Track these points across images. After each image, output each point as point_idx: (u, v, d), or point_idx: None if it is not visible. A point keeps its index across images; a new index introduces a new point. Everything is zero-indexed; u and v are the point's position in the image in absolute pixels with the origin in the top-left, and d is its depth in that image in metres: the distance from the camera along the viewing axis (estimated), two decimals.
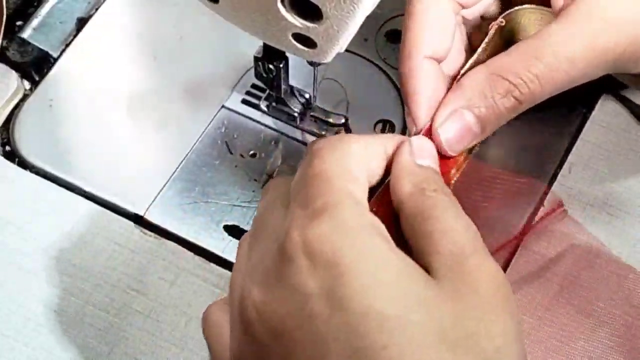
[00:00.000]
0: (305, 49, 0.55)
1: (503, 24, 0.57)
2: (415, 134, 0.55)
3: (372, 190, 0.51)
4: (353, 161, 0.49)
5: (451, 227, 0.47)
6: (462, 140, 0.55)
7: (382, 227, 0.47)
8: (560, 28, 0.55)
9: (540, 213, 0.63)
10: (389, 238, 0.46)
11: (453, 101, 0.55)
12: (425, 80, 0.55)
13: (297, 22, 0.53)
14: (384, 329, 0.43)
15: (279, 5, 0.52)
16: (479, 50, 0.56)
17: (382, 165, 0.51)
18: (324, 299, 0.44)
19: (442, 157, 0.55)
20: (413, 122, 0.55)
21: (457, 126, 0.54)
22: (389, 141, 0.52)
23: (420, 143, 0.52)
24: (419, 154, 0.51)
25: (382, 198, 0.50)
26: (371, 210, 0.48)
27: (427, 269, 0.46)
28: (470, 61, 0.55)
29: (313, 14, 0.51)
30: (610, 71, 0.57)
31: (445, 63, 0.56)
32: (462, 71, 0.55)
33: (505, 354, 0.44)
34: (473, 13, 0.60)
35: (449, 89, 0.56)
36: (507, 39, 0.58)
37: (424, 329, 0.43)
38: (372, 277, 0.44)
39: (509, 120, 0.56)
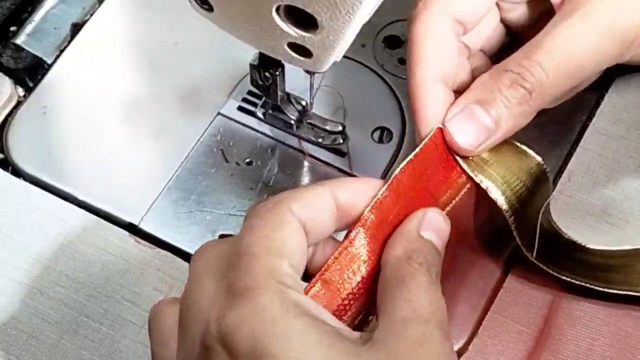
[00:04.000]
0: (301, 58, 0.55)
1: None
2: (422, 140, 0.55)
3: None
4: (287, 231, 0.48)
5: (416, 298, 0.47)
6: (477, 137, 0.54)
7: (310, 303, 0.46)
8: (557, 17, 0.56)
9: None
10: (318, 315, 0.46)
11: (462, 100, 0.55)
12: (429, 95, 0.56)
13: (293, 32, 0.52)
14: None
15: (274, 14, 0.51)
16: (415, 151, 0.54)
17: (331, 216, 0.50)
18: None
19: (445, 170, 0.55)
20: (420, 138, 0.55)
21: (469, 121, 0.54)
22: (339, 186, 0.51)
23: (434, 217, 0.52)
24: (426, 226, 0.51)
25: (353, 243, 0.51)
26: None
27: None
28: (406, 160, 0.54)
29: (308, 23, 0.51)
30: (617, 57, 0.57)
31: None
32: (397, 170, 0.53)
33: None
34: (474, 43, 0.61)
35: None
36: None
37: None
38: None
39: (528, 117, 0.56)
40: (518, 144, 0.58)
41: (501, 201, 0.56)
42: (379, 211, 0.52)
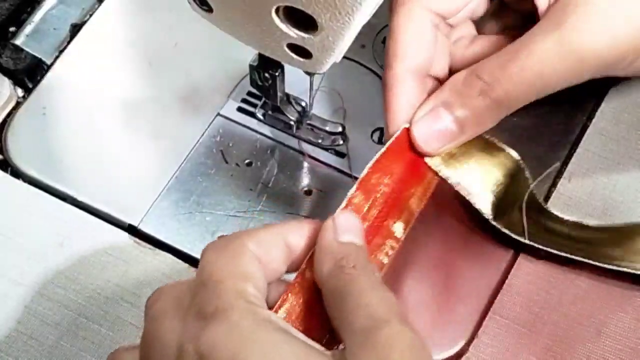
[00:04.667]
0: (301, 59, 0.55)
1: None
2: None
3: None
4: (246, 259, 0.49)
5: (366, 301, 0.47)
6: (439, 138, 0.57)
7: (279, 320, 0.47)
8: (537, 29, 0.57)
9: None
10: (288, 329, 0.47)
11: (432, 100, 0.57)
12: (402, 92, 0.58)
13: (292, 33, 0.52)
14: None
15: (274, 15, 0.51)
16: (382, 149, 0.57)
17: (282, 256, 0.51)
18: None
19: (412, 166, 0.57)
20: (387, 130, 0.58)
21: (433, 123, 0.57)
22: (288, 229, 0.51)
23: (343, 219, 0.52)
24: (341, 230, 0.51)
25: (301, 283, 0.51)
26: (288, 295, 0.50)
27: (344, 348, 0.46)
28: (373, 159, 0.56)
29: (308, 24, 0.51)
30: (592, 74, 0.58)
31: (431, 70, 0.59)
32: (365, 170, 0.56)
33: None
34: (457, 18, 0.62)
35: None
36: None
37: None
38: None
39: (493, 123, 0.58)
40: (488, 137, 0.60)
41: (476, 199, 0.59)
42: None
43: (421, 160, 0.58)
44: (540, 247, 0.60)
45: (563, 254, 0.59)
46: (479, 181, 0.59)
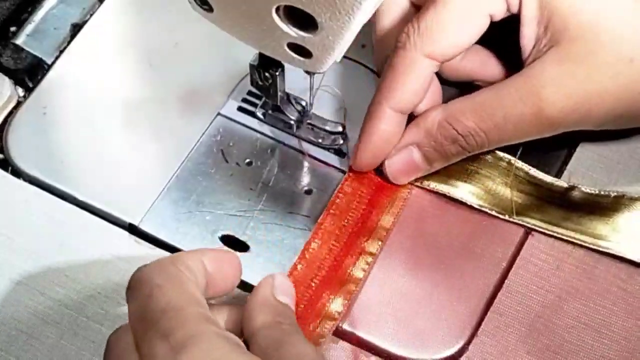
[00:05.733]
0: (301, 58, 0.55)
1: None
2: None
3: None
4: (191, 285, 0.51)
5: (304, 350, 0.50)
6: (408, 173, 0.63)
7: (240, 341, 0.50)
8: (514, 88, 0.59)
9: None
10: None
11: (405, 138, 0.62)
12: (382, 130, 0.61)
13: (292, 32, 0.52)
14: None
15: (274, 15, 0.51)
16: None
17: (204, 281, 0.53)
18: None
19: (382, 185, 0.63)
20: (355, 156, 0.63)
21: (405, 161, 0.62)
22: (204, 253, 0.54)
23: (282, 281, 0.56)
24: (280, 291, 0.55)
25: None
26: None
27: None
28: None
29: (308, 24, 0.51)
30: (562, 131, 0.61)
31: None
32: (333, 195, 0.63)
33: None
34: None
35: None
36: None
37: None
38: None
39: (460, 158, 0.62)
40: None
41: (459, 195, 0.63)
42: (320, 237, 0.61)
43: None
44: (528, 225, 0.61)
45: (552, 233, 0.61)
46: (464, 188, 0.63)
